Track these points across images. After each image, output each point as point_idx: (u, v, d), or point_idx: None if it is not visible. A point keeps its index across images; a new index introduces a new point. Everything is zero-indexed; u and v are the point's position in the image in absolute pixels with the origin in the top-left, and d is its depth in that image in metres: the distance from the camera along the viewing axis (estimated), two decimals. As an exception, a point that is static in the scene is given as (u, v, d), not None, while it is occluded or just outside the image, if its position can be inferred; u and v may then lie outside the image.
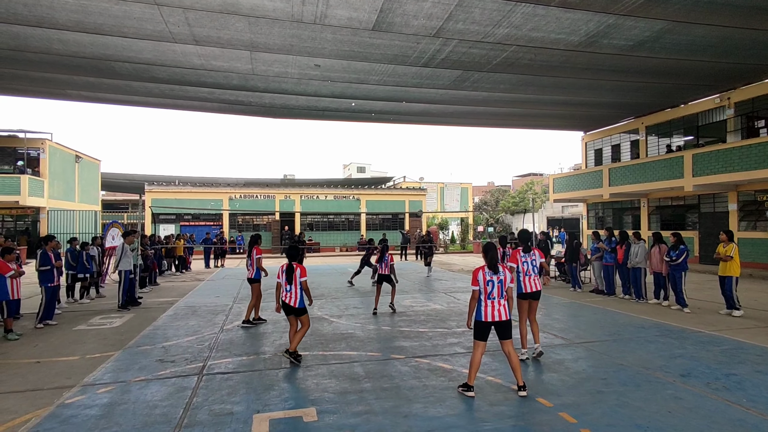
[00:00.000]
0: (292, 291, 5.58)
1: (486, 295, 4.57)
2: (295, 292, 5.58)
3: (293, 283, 5.58)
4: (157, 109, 17.87)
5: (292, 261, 5.70)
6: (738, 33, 10.42)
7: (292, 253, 5.81)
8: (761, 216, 14.81)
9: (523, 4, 9.05)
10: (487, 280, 4.57)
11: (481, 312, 4.58)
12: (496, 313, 4.55)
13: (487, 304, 4.57)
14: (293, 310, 5.60)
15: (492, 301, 4.57)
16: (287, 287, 5.59)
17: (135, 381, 5.02)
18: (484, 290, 4.57)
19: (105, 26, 9.92)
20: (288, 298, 5.59)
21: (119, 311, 9.24)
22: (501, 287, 4.59)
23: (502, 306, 4.58)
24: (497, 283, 4.57)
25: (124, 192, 41.63)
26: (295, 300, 5.57)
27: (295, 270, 5.60)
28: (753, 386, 4.65)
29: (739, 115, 15.57)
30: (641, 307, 9.22)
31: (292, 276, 5.58)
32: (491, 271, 4.60)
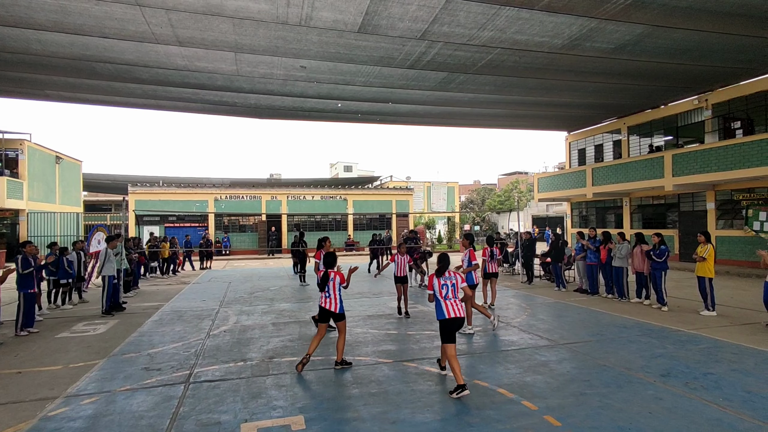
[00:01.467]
0: (331, 297, 5.57)
1: (443, 297, 5.03)
2: (335, 298, 5.57)
3: (332, 290, 5.57)
4: (140, 109, 17.58)
5: (329, 269, 5.68)
6: (714, 37, 10.69)
7: (330, 260, 5.76)
8: (738, 215, 15.22)
9: (507, 8, 9.15)
10: (441, 284, 5.06)
11: (443, 311, 4.98)
12: (452, 310, 4.97)
13: (447, 304, 4.99)
14: (332, 315, 5.59)
15: (448, 301, 5.02)
16: (326, 293, 5.59)
17: (120, 391, 4.97)
18: (439, 293, 5.05)
19: (85, 26, 9.73)
20: (327, 304, 5.56)
21: (103, 317, 9.10)
22: (454, 289, 5.10)
23: (458, 304, 5.04)
24: (450, 286, 5.08)
25: (106, 193, 40.86)
26: (336, 305, 5.56)
27: (333, 279, 5.60)
28: (729, 385, 4.81)
29: (717, 116, 15.97)
30: (624, 306, 9.42)
31: (327, 284, 5.58)
32: (442, 276, 5.12)
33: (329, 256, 5.83)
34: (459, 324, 4.99)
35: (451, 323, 4.92)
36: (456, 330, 4.99)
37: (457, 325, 4.97)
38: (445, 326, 4.94)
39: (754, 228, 14.39)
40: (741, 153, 13.61)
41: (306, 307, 9.98)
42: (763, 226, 14.11)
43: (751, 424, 3.91)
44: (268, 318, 8.82)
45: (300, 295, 11.80)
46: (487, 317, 7.65)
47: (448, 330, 4.93)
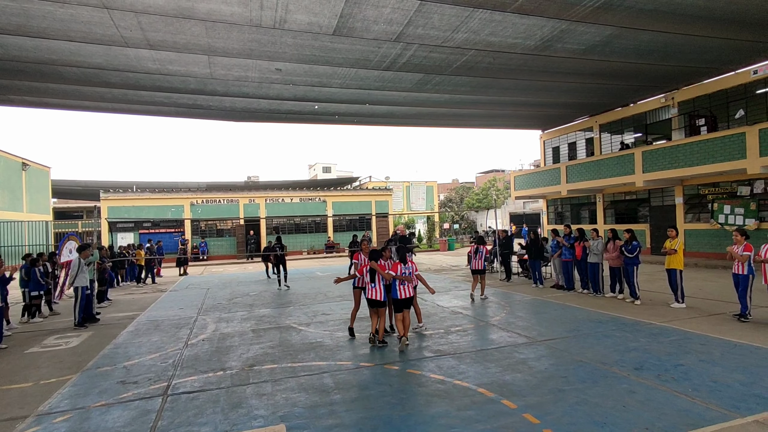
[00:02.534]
0: (377, 288, 6.64)
1: (399, 282, 6.65)
2: (379, 288, 6.64)
3: (377, 281, 6.62)
4: (111, 113, 17.11)
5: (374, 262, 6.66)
6: (679, 38, 11.08)
7: (375, 256, 6.76)
8: (704, 208, 15.80)
9: (480, 10, 9.28)
10: (401, 272, 6.70)
11: (397, 291, 6.67)
12: (404, 292, 6.67)
13: (400, 288, 6.66)
14: (378, 303, 6.70)
15: (402, 285, 6.66)
16: (371, 284, 6.66)
17: (95, 406, 4.84)
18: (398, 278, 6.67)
19: (49, 30, 9.42)
20: (374, 294, 6.65)
21: (76, 330, 8.84)
22: (409, 275, 6.76)
23: (410, 288, 6.74)
24: (407, 273, 6.76)
25: (77, 199, 39.65)
26: (381, 294, 6.64)
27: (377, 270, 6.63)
28: (697, 375, 5.00)
29: (683, 113, 16.55)
30: (599, 301, 9.67)
31: (375, 275, 6.64)
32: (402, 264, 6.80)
33: (375, 253, 6.85)
34: (407, 302, 6.71)
35: (400, 302, 6.68)
36: (404, 305, 6.67)
37: (405, 303, 6.68)
38: (397, 303, 6.70)
39: (719, 221, 14.98)
40: (706, 149, 14.14)
41: (286, 312, 9.90)
42: (727, 219, 14.71)
43: (718, 412, 4.08)
44: (248, 324, 8.72)
45: (280, 300, 11.70)
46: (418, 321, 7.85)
47: (398, 305, 6.69)
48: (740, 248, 7.47)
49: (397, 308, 6.72)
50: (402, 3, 8.79)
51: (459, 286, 12.70)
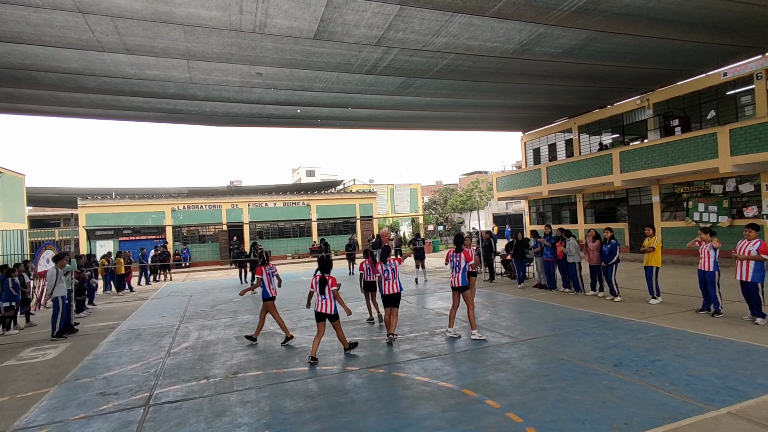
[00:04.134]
0: (327, 299, 6.35)
1: (384, 278, 7.19)
2: (329, 300, 6.36)
3: (326, 293, 6.34)
4: (88, 119, 16.75)
5: (325, 273, 6.40)
6: (652, 41, 11.40)
7: (326, 266, 6.51)
8: (680, 207, 16.24)
9: (459, 15, 9.40)
10: (384, 269, 7.24)
11: (382, 288, 7.21)
12: (389, 288, 7.16)
13: (385, 284, 7.18)
14: (328, 316, 6.38)
15: (388, 281, 7.17)
16: (321, 296, 6.34)
17: (74, 419, 4.73)
18: (382, 275, 7.24)
19: (23, 34, 9.22)
20: (322, 306, 6.32)
21: (53, 341, 8.62)
22: (393, 272, 7.21)
23: (394, 284, 7.16)
24: (390, 270, 7.22)
25: (54, 207, 38.66)
26: (330, 307, 6.34)
27: (328, 281, 6.37)
28: (674, 370, 5.14)
29: (657, 114, 16.99)
30: (579, 299, 9.85)
31: (325, 287, 6.34)
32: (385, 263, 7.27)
33: (326, 262, 6.59)
34: (393, 297, 7.12)
35: (386, 297, 7.18)
36: (390, 301, 7.12)
37: (391, 299, 7.13)
38: (384, 299, 7.22)
39: (694, 219, 15.41)
40: (680, 149, 14.54)
41: (270, 318, 9.80)
42: (702, 217, 15.14)
43: (693, 405, 4.21)
44: (231, 332, 8.63)
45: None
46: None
47: (384, 301, 7.22)
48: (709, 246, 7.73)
49: (386, 304, 7.21)
50: (382, 7, 8.86)
51: (444, 287, 12.78)
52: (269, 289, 7.55)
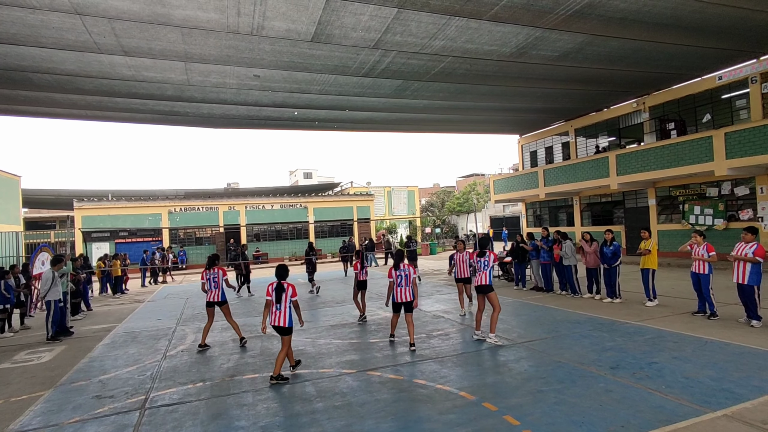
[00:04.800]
0: (282, 309, 5.64)
1: (396, 285, 6.88)
2: (284, 311, 5.65)
3: (283, 302, 5.65)
4: (85, 121, 16.70)
5: (282, 280, 5.78)
6: (647, 45, 11.47)
7: (282, 272, 5.85)
8: (676, 210, 16.31)
9: (456, 18, 9.44)
10: (396, 274, 6.88)
11: (394, 296, 6.95)
12: (402, 296, 6.87)
13: (398, 291, 6.88)
14: (280, 329, 5.65)
15: (400, 288, 6.87)
16: (276, 306, 5.65)
17: (69, 423, 4.70)
18: (395, 281, 6.89)
19: (19, 36, 9.19)
20: (277, 318, 5.64)
21: (48, 344, 8.56)
22: (407, 278, 6.86)
23: (407, 291, 6.85)
24: (404, 276, 6.86)
25: (50, 209, 38.47)
26: (285, 319, 5.62)
27: (286, 289, 5.69)
28: (670, 373, 5.15)
29: (653, 118, 17.09)
30: (576, 302, 9.87)
31: (282, 296, 5.66)
32: (397, 269, 6.89)
33: (282, 269, 5.90)
34: (407, 305, 6.87)
35: (399, 305, 6.97)
36: (403, 308, 6.93)
37: (404, 306, 6.90)
38: (395, 306, 7.04)
39: (690, 221, 15.49)
40: (676, 152, 14.62)
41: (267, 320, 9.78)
42: (698, 220, 15.21)
43: (690, 408, 4.22)
44: (228, 334, 8.59)
45: (260, 308, 11.55)
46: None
47: (394, 307, 7.06)
48: (702, 248, 7.78)
49: (395, 310, 7.07)
50: (380, 10, 8.88)
51: (441, 290, 12.78)
52: (209, 293, 7.44)
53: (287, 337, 5.66)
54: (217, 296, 7.45)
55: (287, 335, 5.66)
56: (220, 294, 7.48)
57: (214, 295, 7.45)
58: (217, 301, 7.45)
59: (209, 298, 7.47)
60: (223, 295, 7.55)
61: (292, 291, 5.72)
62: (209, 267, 7.50)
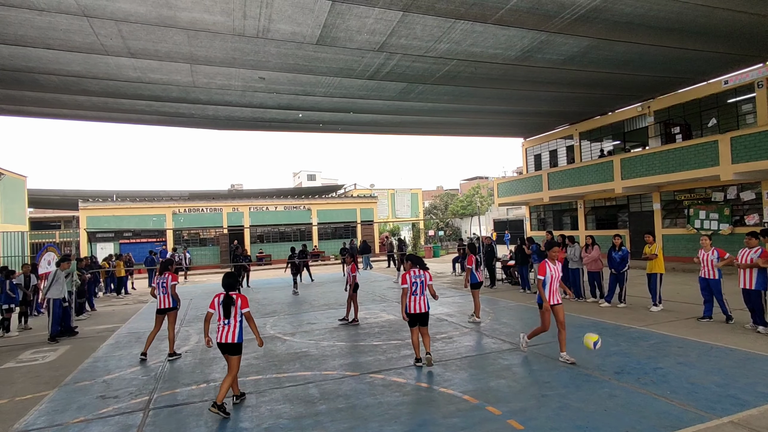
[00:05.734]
0: (231, 324, 4.82)
1: (411, 292, 5.96)
2: (234, 326, 4.84)
3: (232, 317, 4.84)
4: (90, 122, 16.80)
5: (230, 291, 4.95)
6: (653, 49, 11.44)
7: (231, 282, 5.06)
8: (681, 214, 16.23)
9: (461, 22, 9.45)
10: (411, 281, 5.96)
11: (406, 305, 6.00)
12: (418, 306, 5.98)
13: (411, 300, 5.97)
14: (229, 346, 4.83)
15: (415, 296, 5.98)
16: (224, 321, 4.83)
17: (73, 423, 4.72)
18: (410, 288, 5.96)
19: (27, 37, 9.27)
20: (225, 334, 4.80)
21: (53, 344, 8.60)
22: (422, 285, 6.00)
23: (423, 300, 5.99)
24: (420, 283, 5.98)
25: (55, 209, 38.69)
26: (233, 335, 4.82)
27: (235, 301, 4.90)
28: (675, 378, 5.12)
29: (658, 122, 17.03)
30: (580, 306, 9.83)
31: (231, 309, 4.84)
32: (415, 274, 6.00)
33: (230, 278, 5.11)
34: (423, 317, 6.00)
35: (413, 317, 5.99)
36: (419, 320, 6.00)
37: (420, 318, 5.99)
38: (411, 319, 6.01)
39: (695, 226, 15.40)
40: (680, 156, 14.56)
41: (271, 321, 9.82)
42: (703, 224, 15.13)
43: (695, 414, 4.19)
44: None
45: (264, 309, 11.59)
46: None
47: (412, 320, 6.02)
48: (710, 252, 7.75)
49: (413, 323, 6.00)
50: (385, 14, 8.90)
51: (444, 293, 12.76)
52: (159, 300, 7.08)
53: (236, 357, 4.86)
54: (168, 302, 7.09)
55: (237, 354, 4.86)
56: (171, 300, 7.09)
57: (164, 301, 7.10)
58: (167, 307, 7.11)
59: (160, 304, 7.13)
60: (174, 302, 7.13)
61: (242, 302, 4.93)
62: (160, 272, 7.27)
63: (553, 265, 6.00)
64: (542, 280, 5.96)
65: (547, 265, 5.99)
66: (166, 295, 7.08)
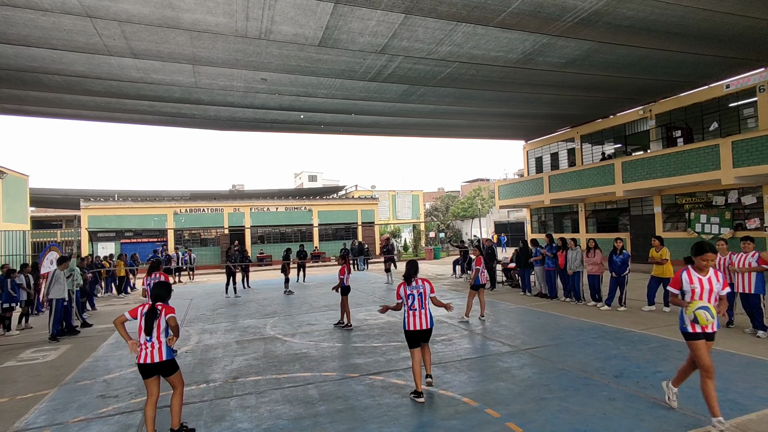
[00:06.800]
0: (154, 342, 4.09)
1: (408, 307, 5.10)
2: (158, 343, 4.10)
3: (154, 334, 4.09)
4: (93, 122, 16.86)
5: (158, 302, 4.24)
6: (654, 53, 11.45)
7: (160, 292, 4.32)
8: (681, 218, 16.22)
9: (463, 24, 9.46)
10: (407, 294, 5.12)
11: (405, 322, 5.13)
12: (417, 322, 5.05)
13: (410, 314, 5.09)
14: (157, 367, 4.11)
15: (413, 311, 5.08)
16: (146, 337, 4.09)
17: (74, 422, 4.74)
18: (405, 303, 5.11)
19: (31, 38, 9.30)
20: (149, 354, 4.09)
21: (54, 343, 8.62)
22: (421, 298, 5.09)
23: (424, 316, 5.06)
24: (417, 295, 5.09)
25: (57, 208, 38.79)
26: (160, 353, 4.10)
27: (159, 314, 4.14)
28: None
29: (660, 125, 17.03)
30: (580, 309, 9.83)
31: (154, 324, 4.08)
32: (409, 285, 5.17)
33: (161, 287, 4.40)
34: (424, 334, 5.07)
35: (412, 335, 5.06)
36: (420, 339, 5.06)
37: (421, 335, 5.06)
38: (408, 336, 5.10)
39: (696, 230, 15.39)
40: (682, 160, 14.56)
41: (271, 322, 9.83)
42: (704, 228, 15.12)
43: (694, 418, 4.20)
44: (231, 336, 8.62)
45: (264, 310, 11.60)
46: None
47: (410, 339, 5.09)
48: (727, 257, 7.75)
49: (413, 343, 5.05)
50: (387, 16, 8.92)
51: (444, 295, 12.76)
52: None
53: (174, 375, 4.22)
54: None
55: (172, 373, 4.21)
56: None
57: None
58: None
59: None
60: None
61: (167, 311, 4.21)
62: (150, 273, 7.39)
63: (700, 275, 4.30)
64: (676, 293, 4.47)
65: (689, 274, 4.33)
66: None
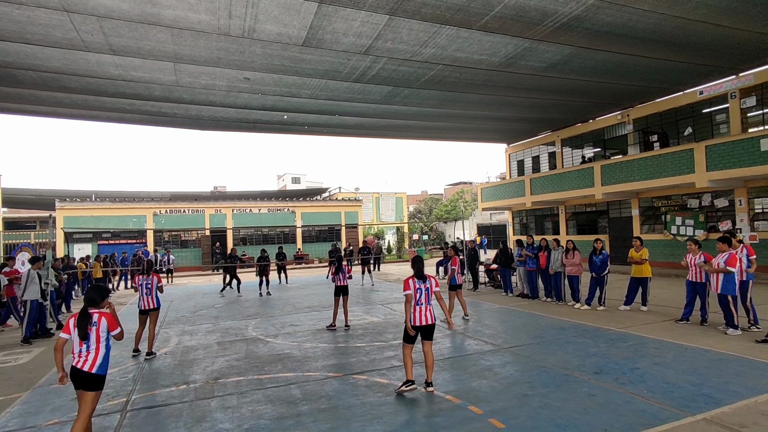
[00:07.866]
0: (91, 350, 3.78)
1: (415, 302, 5.10)
2: (95, 351, 3.79)
3: (91, 340, 3.78)
4: (69, 119, 16.43)
5: (92, 306, 3.91)
6: (632, 59, 11.76)
7: (94, 297, 3.97)
8: (658, 220, 16.65)
9: (447, 27, 9.56)
10: (416, 288, 5.12)
11: (411, 317, 5.10)
12: (422, 317, 5.09)
13: (416, 309, 5.10)
14: (83, 378, 3.73)
15: (420, 306, 5.11)
16: (81, 346, 3.78)
17: (47, 425, 4.60)
18: (414, 295, 5.10)
19: (4, 31, 9.04)
20: (80, 361, 3.74)
21: (26, 345, 8.35)
22: (428, 294, 5.15)
23: (428, 311, 5.12)
24: (425, 290, 5.13)
25: (30, 208, 37.64)
26: (92, 363, 3.74)
27: (96, 322, 3.83)
28: (652, 378, 5.25)
29: (637, 130, 17.47)
30: (561, 308, 9.98)
31: (87, 330, 3.78)
32: (419, 280, 5.16)
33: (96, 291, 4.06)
34: (429, 329, 5.13)
35: (416, 330, 5.10)
36: (422, 334, 5.14)
37: (426, 331, 5.13)
38: (409, 333, 5.10)
39: (672, 232, 15.82)
40: (658, 164, 14.96)
41: (253, 323, 9.71)
42: (679, 230, 15.54)
43: (671, 412, 4.30)
44: (213, 337, 8.49)
45: (247, 311, 11.46)
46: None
47: (410, 336, 5.12)
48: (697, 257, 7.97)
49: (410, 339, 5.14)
50: (371, 17, 8.96)
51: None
52: (142, 301, 7.23)
53: (92, 394, 3.73)
54: (152, 303, 7.23)
55: (94, 390, 3.75)
56: (155, 300, 7.27)
57: (147, 302, 7.22)
58: (152, 308, 7.25)
59: (144, 305, 7.23)
60: (158, 301, 7.32)
61: (109, 323, 3.87)
62: (144, 273, 7.33)
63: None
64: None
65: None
66: (150, 296, 7.24)
